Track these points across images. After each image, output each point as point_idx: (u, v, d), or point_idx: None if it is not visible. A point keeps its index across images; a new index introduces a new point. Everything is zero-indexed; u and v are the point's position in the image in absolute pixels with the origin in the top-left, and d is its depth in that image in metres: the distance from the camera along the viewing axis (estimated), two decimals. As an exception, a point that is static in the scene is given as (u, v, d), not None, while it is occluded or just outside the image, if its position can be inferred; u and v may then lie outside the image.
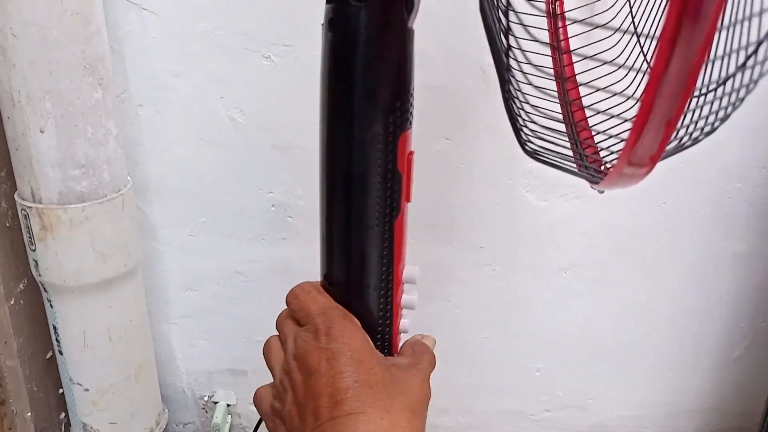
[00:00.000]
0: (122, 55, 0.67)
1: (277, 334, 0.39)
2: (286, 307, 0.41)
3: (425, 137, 0.71)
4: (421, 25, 0.37)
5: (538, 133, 0.28)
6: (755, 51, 0.28)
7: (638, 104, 0.24)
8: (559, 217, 0.76)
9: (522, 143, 0.30)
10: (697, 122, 0.31)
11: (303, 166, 0.72)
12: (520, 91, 0.29)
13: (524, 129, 0.28)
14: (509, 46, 0.31)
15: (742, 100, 0.31)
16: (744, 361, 0.87)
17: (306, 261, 0.77)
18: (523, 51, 0.29)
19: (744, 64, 0.29)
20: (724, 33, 0.32)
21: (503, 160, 0.73)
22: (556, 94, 0.32)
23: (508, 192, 0.75)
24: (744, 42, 0.29)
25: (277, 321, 0.38)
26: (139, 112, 0.69)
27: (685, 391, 0.89)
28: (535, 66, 0.30)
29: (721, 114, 0.31)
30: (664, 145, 0.26)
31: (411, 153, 0.40)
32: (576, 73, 0.36)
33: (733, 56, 0.29)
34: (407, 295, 0.43)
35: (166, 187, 0.74)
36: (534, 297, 0.81)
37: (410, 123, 0.39)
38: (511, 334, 0.84)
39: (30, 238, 0.59)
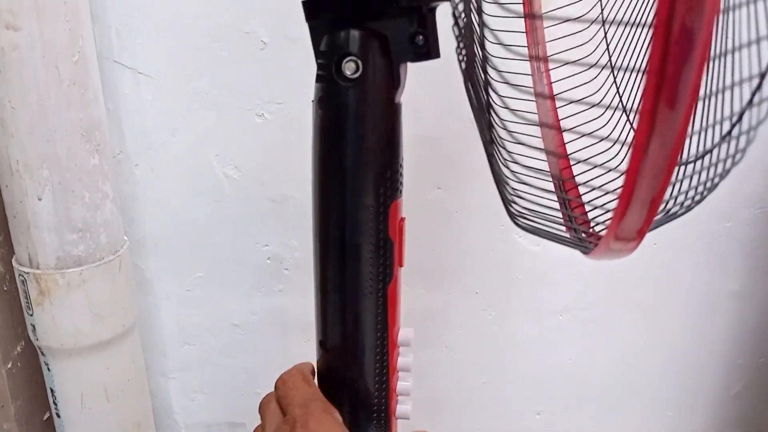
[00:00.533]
0: (118, 116, 0.68)
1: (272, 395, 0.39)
2: (281, 372, 0.41)
3: (418, 187, 0.72)
4: (413, 78, 0.38)
5: (529, 212, 0.29)
6: (739, 119, 0.30)
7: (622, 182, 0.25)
8: (552, 261, 0.77)
9: (512, 217, 0.31)
10: (687, 192, 0.31)
11: (297, 217, 0.73)
12: (507, 167, 0.30)
13: (513, 205, 0.29)
14: (491, 125, 0.32)
15: (729, 171, 0.32)
16: (743, 398, 0.87)
17: (302, 312, 0.78)
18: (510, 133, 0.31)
19: (729, 132, 0.30)
20: (706, 102, 0.33)
21: (495, 207, 0.73)
22: (547, 170, 0.33)
23: (502, 237, 0.76)
24: (728, 111, 0.30)
25: (261, 403, 0.39)
26: (135, 171, 0.71)
27: (685, 429, 0.88)
28: (526, 144, 0.31)
29: (709, 184, 0.32)
30: (650, 222, 0.27)
31: (402, 219, 0.41)
32: (568, 151, 0.37)
33: (717, 126, 0.30)
34: (403, 358, 0.43)
35: (162, 243, 0.74)
36: (531, 340, 0.82)
37: (400, 192, 0.40)
38: (509, 377, 0.84)
39: (28, 302, 0.59)
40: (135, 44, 0.66)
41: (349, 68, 0.35)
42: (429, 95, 0.68)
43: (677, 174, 0.30)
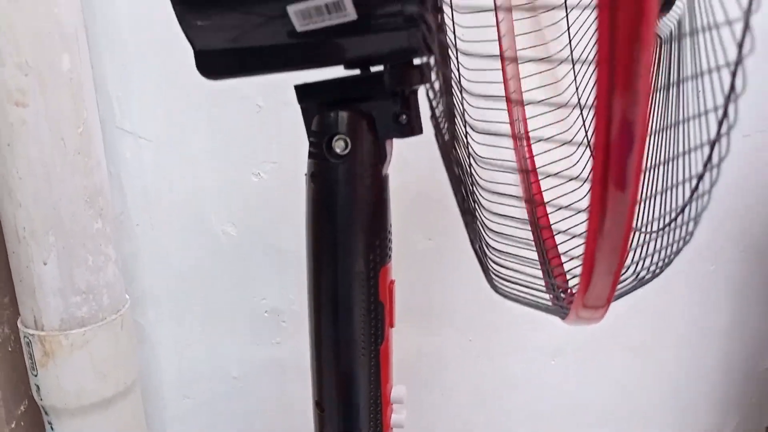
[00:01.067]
0: (120, 178, 0.71)
1: None
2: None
3: (410, 238, 0.75)
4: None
5: (509, 280, 0.31)
6: (696, 187, 0.32)
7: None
8: (542, 306, 0.79)
9: (492, 285, 0.33)
10: (653, 257, 0.34)
11: (293, 271, 0.75)
12: (486, 235, 0.33)
13: (492, 274, 0.32)
14: (474, 202, 0.34)
15: (692, 234, 0.34)
16: (737, 436, 0.88)
17: (299, 362, 0.79)
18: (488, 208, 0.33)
19: (690, 197, 0.33)
20: (662, 170, 0.36)
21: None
22: (525, 239, 0.36)
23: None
24: (688, 174, 0.33)
25: None
26: (136, 229, 0.73)
27: (682, 468, 0.89)
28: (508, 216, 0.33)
29: (675, 247, 0.35)
30: (614, 292, 0.29)
31: (392, 282, 0.43)
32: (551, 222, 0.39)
33: (679, 189, 0.33)
34: (396, 415, 0.45)
35: (161, 298, 0.76)
36: (525, 378, 0.83)
37: (389, 256, 0.42)
38: (506, 416, 0.85)
39: (32, 363, 0.61)
40: (135, 110, 0.69)
41: (338, 146, 0.38)
42: (417, 148, 0.71)
43: (639, 242, 0.32)
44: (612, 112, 0.23)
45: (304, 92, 0.39)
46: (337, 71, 0.38)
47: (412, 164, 0.72)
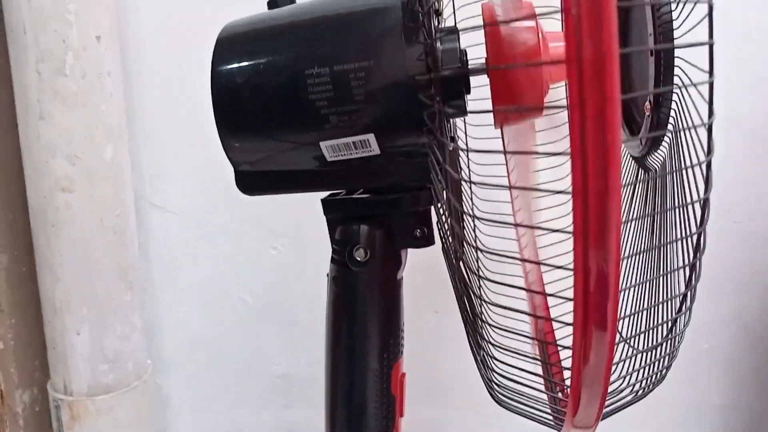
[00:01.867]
0: (147, 249, 0.75)
1: None
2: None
3: (417, 310, 0.79)
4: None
5: (510, 394, 0.35)
6: (680, 311, 0.36)
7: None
8: (543, 378, 0.82)
9: (494, 398, 0.37)
10: (639, 377, 0.37)
11: (306, 339, 0.79)
12: (488, 355, 0.37)
13: (494, 386, 0.36)
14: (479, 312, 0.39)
15: (675, 355, 0.38)
16: None
17: (309, 425, 0.82)
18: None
19: (667, 335, 0.37)
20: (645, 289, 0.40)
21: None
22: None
23: (495, 356, 0.81)
24: (671, 293, 0.37)
25: None
26: (159, 295, 0.77)
27: None
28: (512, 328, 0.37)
29: (666, 362, 0.38)
30: (600, 413, 0.33)
31: (403, 375, 0.47)
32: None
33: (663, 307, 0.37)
34: (404, 498, 0.48)
35: (181, 361, 0.80)
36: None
37: (402, 352, 0.46)
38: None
39: (59, 426, 0.65)
40: (165, 186, 0.74)
41: (359, 255, 0.42)
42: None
43: (626, 365, 0.36)
44: (588, 266, 0.27)
45: (329, 206, 0.43)
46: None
47: (421, 242, 0.77)
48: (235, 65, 0.40)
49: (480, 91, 0.38)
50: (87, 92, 0.57)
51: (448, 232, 0.38)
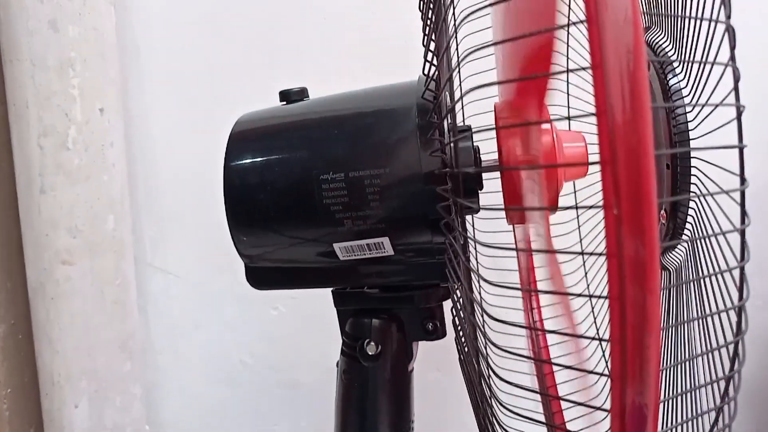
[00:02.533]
0: (146, 311, 0.74)
1: None
2: None
3: (420, 371, 0.78)
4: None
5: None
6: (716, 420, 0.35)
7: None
8: None
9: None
10: None
11: (307, 401, 0.78)
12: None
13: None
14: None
15: None
16: None
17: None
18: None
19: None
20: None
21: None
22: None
23: (497, 414, 0.81)
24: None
25: None
26: (158, 359, 0.76)
27: None
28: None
29: None
30: None
31: (413, 463, 0.46)
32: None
33: None
34: None
35: (181, 425, 0.79)
36: None
37: (411, 436, 0.45)
38: None
39: (55, 501, 0.63)
40: (166, 249, 0.73)
41: (370, 349, 0.42)
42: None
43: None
44: (625, 399, 0.26)
45: (340, 299, 0.43)
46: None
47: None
48: (248, 162, 0.39)
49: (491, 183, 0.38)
50: (89, 165, 0.57)
51: (467, 331, 0.38)
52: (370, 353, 0.42)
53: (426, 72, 0.36)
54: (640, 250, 0.17)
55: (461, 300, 0.36)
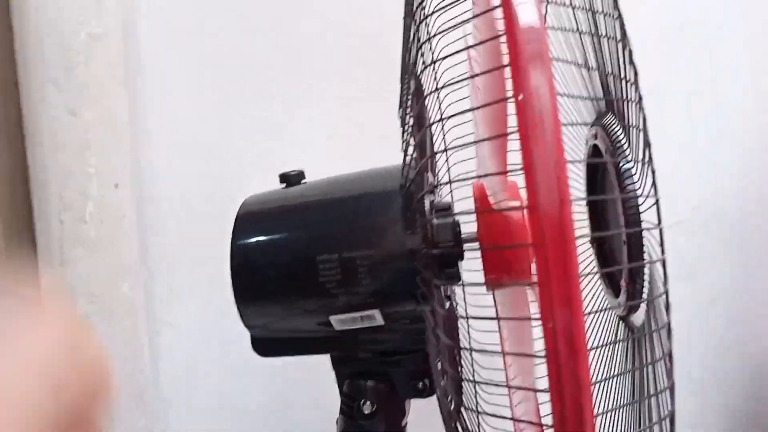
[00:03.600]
0: (157, 366, 0.78)
1: None
2: None
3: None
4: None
5: None
6: None
7: None
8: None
9: None
10: None
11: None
12: None
13: None
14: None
15: None
16: None
17: None
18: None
19: None
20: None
21: None
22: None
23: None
24: None
25: None
26: (169, 411, 0.80)
27: None
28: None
29: None
30: None
31: None
32: None
33: None
34: None
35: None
36: None
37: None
38: None
39: None
40: (173, 305, 0.77)
41: (366, 407, 0.46)
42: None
43: None
44: None
45: (337, 362, 0.47)
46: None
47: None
48: (253, 242, 0.44)
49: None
50: (105, 237, 0.61)
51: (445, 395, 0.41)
52: (366, 412, 0.46)
53: (404, 159, 0.41)
54: (568, 318, 0.21)
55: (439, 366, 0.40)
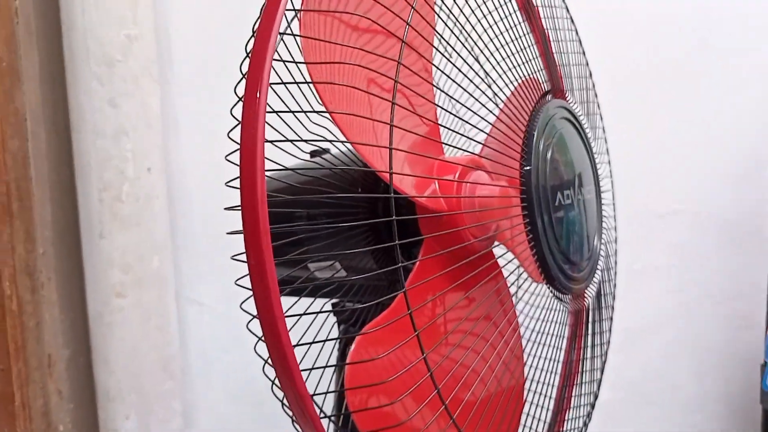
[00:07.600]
0: (184, 339, 0.86)
1: None
2: None
3: None
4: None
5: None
6: None
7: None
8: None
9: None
10: None
11: (325, 418, 0.87)
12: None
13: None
14: None
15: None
16: None
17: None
18: None
19: None
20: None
21: None
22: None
23: None
24: None
25: None
26: (194, 383, 0.87)
27: None
28: None
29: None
30: None
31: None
32: None
33: None
34: None
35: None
36: None
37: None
38: None
39: (109, 502, 0.74)
40: (200, 283, 0.85)
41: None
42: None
43: None
44: None
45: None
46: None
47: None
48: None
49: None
50: (139, 214, 0.69)
51: None
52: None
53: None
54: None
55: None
